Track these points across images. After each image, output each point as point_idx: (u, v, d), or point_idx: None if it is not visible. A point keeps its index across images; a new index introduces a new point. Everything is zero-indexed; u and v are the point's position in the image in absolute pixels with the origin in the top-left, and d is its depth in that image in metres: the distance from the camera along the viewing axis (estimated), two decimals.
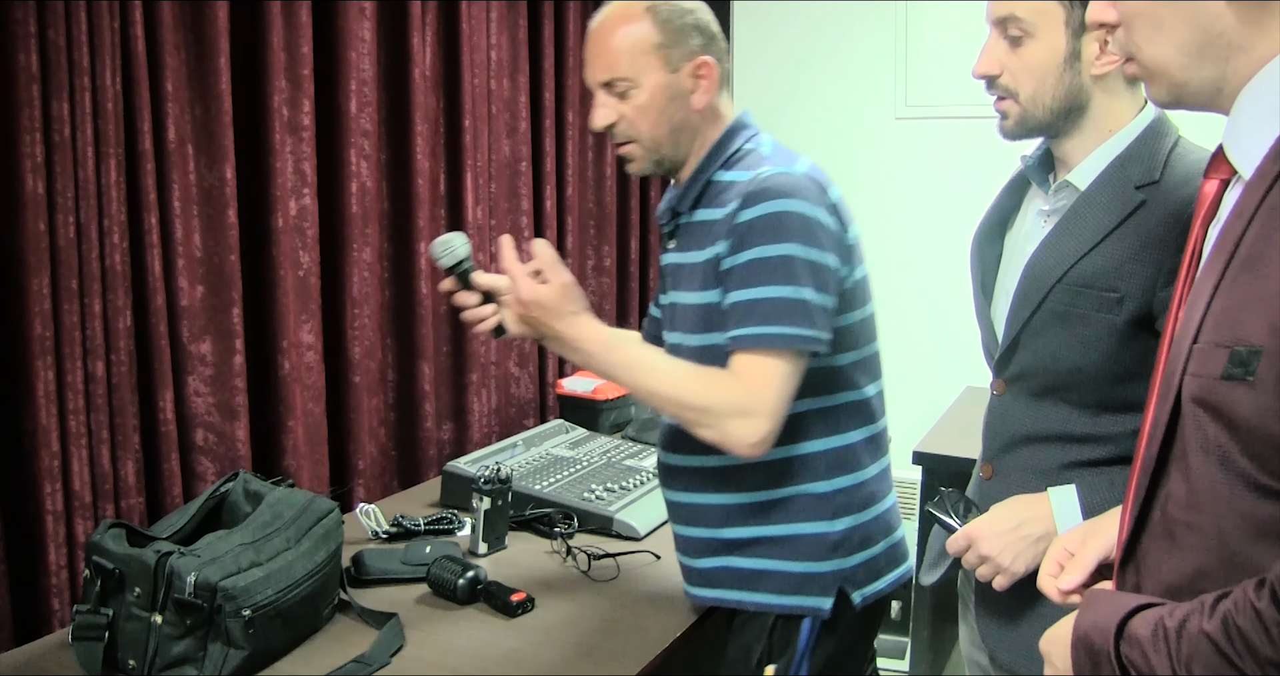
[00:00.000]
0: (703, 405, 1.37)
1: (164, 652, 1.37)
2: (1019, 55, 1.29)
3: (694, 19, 1.47)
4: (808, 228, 1.35)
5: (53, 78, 1.61)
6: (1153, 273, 1.22)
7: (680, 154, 1.50)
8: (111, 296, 1.73)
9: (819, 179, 1.41)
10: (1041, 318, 1.31)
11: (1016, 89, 1.30)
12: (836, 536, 1.46)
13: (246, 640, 1.39)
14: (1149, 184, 1.25)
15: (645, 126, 1.47)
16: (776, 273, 1.33)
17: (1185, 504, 0.86)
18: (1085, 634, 0.89)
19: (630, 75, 1.44)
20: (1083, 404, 1.31)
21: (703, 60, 1.46)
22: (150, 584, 1.37)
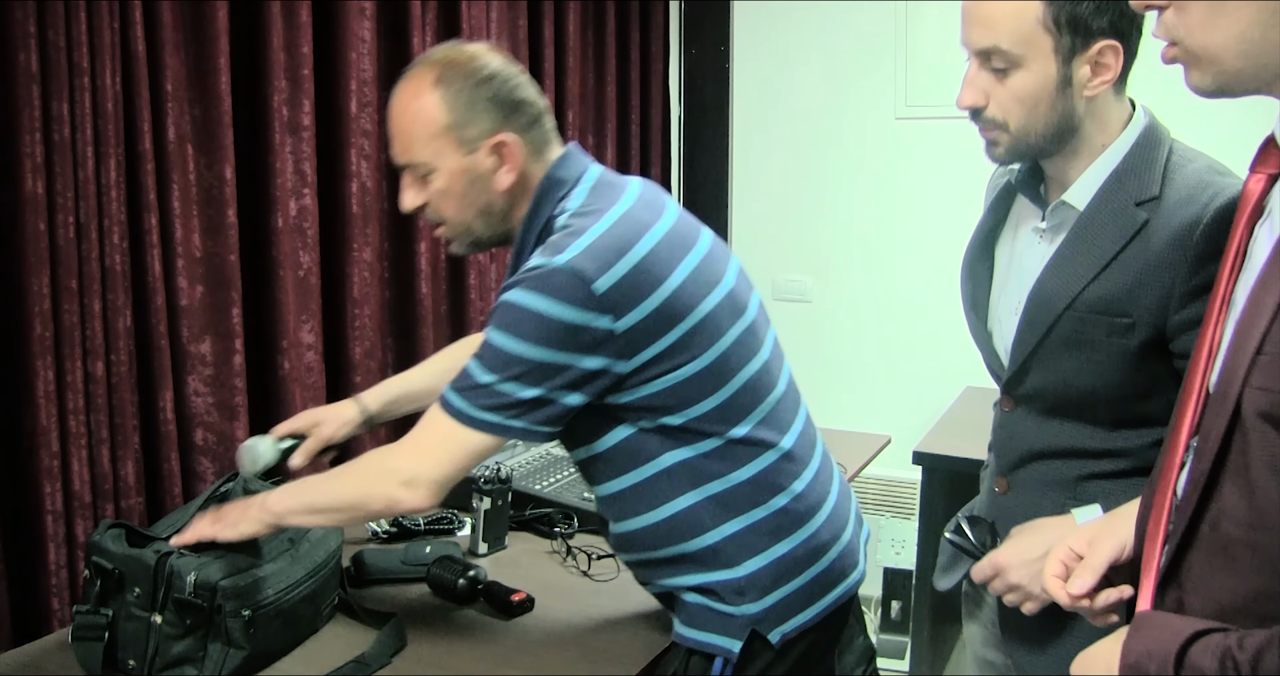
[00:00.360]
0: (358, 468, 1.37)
1: (164, 652, 1.37)
2: (1006, 86, 1.23)
3: (490, 91, 1.34)
4: (539, 327, 1.24)
5: (53, 78, 1.61)
6: (1163, 296, 1.20)
7: (495, 232, 1.41)
8: (111, 296, 1.73)
9: (583, 269, 1.24)
10: (1051, 344, 1.28)
11: (1005, 120, 1.24)
12: (741, 582, 1.38)
13: (247, 640, 1.39)
14: (1150, 200, 1.23)
15: (450, 211, 1.39)
16: (485, 357, 1.27)
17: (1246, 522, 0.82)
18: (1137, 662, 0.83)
19: (425, 160, 1.35)
20: (1098, 421, 1.29)
21: (499, 139, 1.34)
22: (150, 584, 1.37)
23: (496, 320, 1.27)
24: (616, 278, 1.25)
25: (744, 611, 1.38)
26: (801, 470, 1.43)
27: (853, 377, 3.33)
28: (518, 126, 1.35)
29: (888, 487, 3.23)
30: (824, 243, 3.35)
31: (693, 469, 1.36)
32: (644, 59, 3.28)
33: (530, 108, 1.37)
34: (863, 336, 3.31)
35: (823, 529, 1.43)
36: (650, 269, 1.29)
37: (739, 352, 1.36)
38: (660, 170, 3.40)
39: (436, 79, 1.34)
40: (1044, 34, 1.19)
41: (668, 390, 1.31)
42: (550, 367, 1.25)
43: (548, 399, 1.27)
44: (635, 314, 1.27)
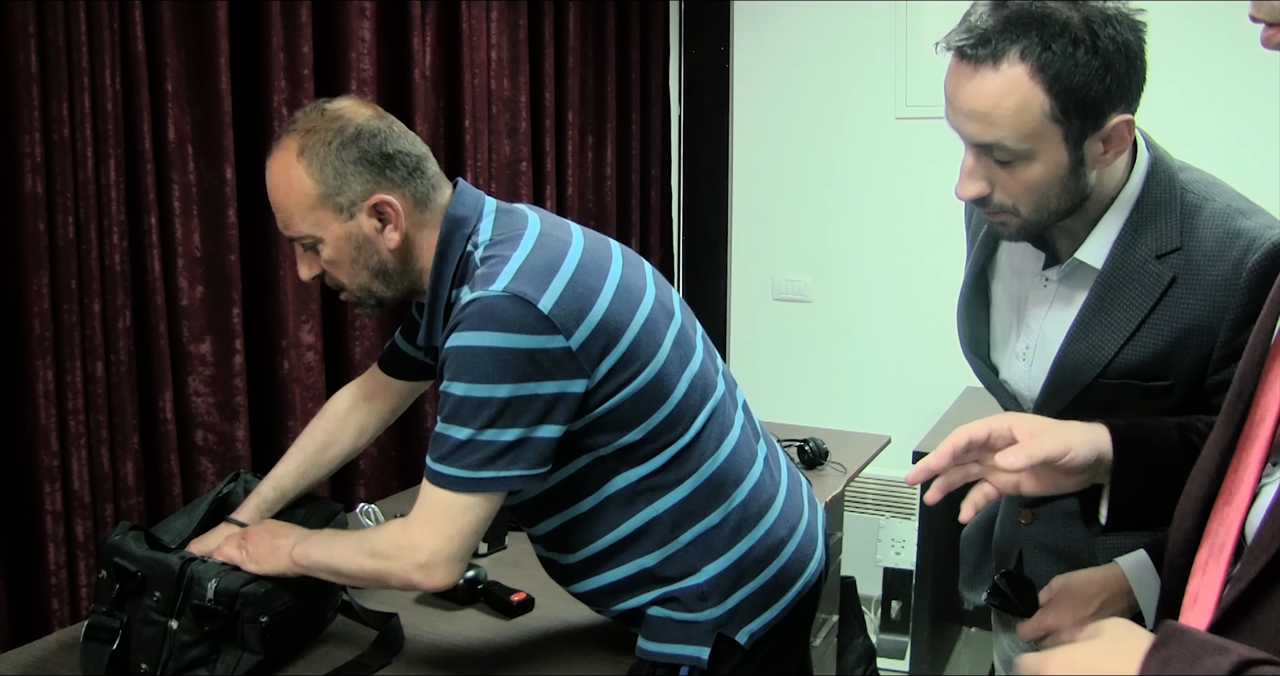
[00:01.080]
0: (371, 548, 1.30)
1: (178, 657, 1.37)
2: (1014, 176, 1.13)
3: (357, 151, 1.28)
4: (497, 364, 1.20)
5: (53, 78, 1.61)
6: (1201, 359, 1.15)
7: (399, 290, 1.38)
8: (111, 296, 1.72)
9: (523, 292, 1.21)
10: (1078, 407, 1.21)
11: (1015, 206, 1.16)
12: (703, 587, 1.36)
13: (262, 645, 1.39)
14: (1172, 252, 1.16)
15: (345, 278, 1.35)
16: (455, 412, 1.22)
17: None
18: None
19: (308, 233, 1.31)
20: None
21: (376, 200, 1.29)
22: (172, 589, 1.36)
23: (452, 370, 1.21)
24: (557, 295, 1.23)
25: (708, 616, 1.36)
26: (750, 463, 1.41)
27: (853, 377, 3.33)
28: (395, 182, 1.30)
29: (888, 487, 3.23)
30: (824, 243, 3.35)
31: (648, 486, 1.33)
32: (644, 59, 3.28)
33: (405, 159, 1.31)
34: (863, 336, 3.31)
35: (779, 522, 1.42)
36: (584, 282, 1.27)
37: (678, 354, 1.35)
38: (660, 170, 3.40)
39: (300, 150, 1.29)
40: (1052, 125, 1.09)
41: (626, 403, 1.28)
42: (522, 402, 1.21)
43: (526, 439, 1.23)
44: (584, 328, 1.24)
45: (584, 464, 1.32)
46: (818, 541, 1.49)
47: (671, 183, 3.48)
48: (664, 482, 1.34)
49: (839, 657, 2.66)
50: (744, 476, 1.39)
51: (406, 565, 1.26)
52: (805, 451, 2.39)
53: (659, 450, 1.32)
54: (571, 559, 1.40)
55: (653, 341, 1.31)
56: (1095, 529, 1.13)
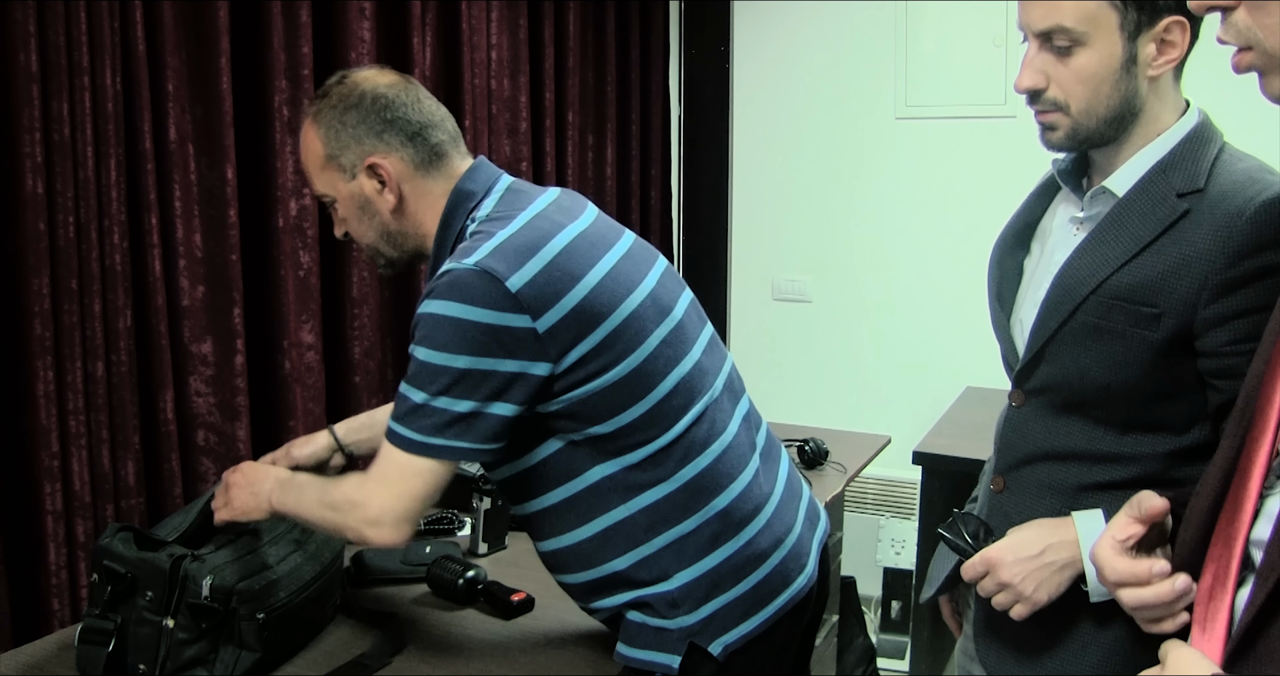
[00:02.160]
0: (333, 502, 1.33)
1: (175, 656, 1.37)
2: (1069, 65, 1.18)
3: (357, 116, 1.35)
4: (458, 334, 1.22)
5: (53, 78, 1.61)
6: (1196, 288, 1.14)
7: (404, 252, 1.43)
8: (111, 296, 1.73)
9: (494, 268, 1.23)
10: (1070, 330, 1.23)
11: (1067, 101, 1.19)
12: (674, 594, 1.34)
13: (260, 643, 1.39)
14: (1192, 192, 1.17)
15: (359, 237, 1.43)
16: (414, 376, 1.25)
17: None
18: None
19: (324, 192, 1.41)
20: (1109, 422, 1.24)
21: (371, 161, 1.35)
22: (164, 588, 1.36)
23: (418, 335, 1.25)
24: (530, 275, 1.24)
25: (679, 624, 1.34)
26: (738, 473, 1.39)
27: (853, 377, 3.33)
28: (391, 145, 1.36)
29: (888, 487, 3.23)
30: (824, 243, 3.35)
31: (622, 482, 1.32)
32: (644, 59, 3.28)
33: (404, 125, 1.36)
34: (863, 336, 3.31)
35: (762, 534, 1.39)
36: (565, 266, 1.27)
37: (666, 354, 1.34)
38: (660, 170, 3.40)
39: (314, 114, 1.38)
40: (1110, 10, 1.15)
41: (596, 395, 1.28)
42: (478, 375, 1.23)
43: (478, 412, 1.24)
44: (554, 312, 1.25)
45: (556, 449, 1.32)
46: (809, 556, 1.46)
47: (671, 183, 3.48)
48: (639, 481, 1.33)
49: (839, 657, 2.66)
50: (726, 485, 1.37)
51: (358, 520, 1.29)
52: (805, 451, 2.39)
53: (634, 446, 1.32)
54: (547, 548, 1.40)
55: (634, 337, 1.31)
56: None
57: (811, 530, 1.49)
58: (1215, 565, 0.81)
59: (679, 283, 1.45)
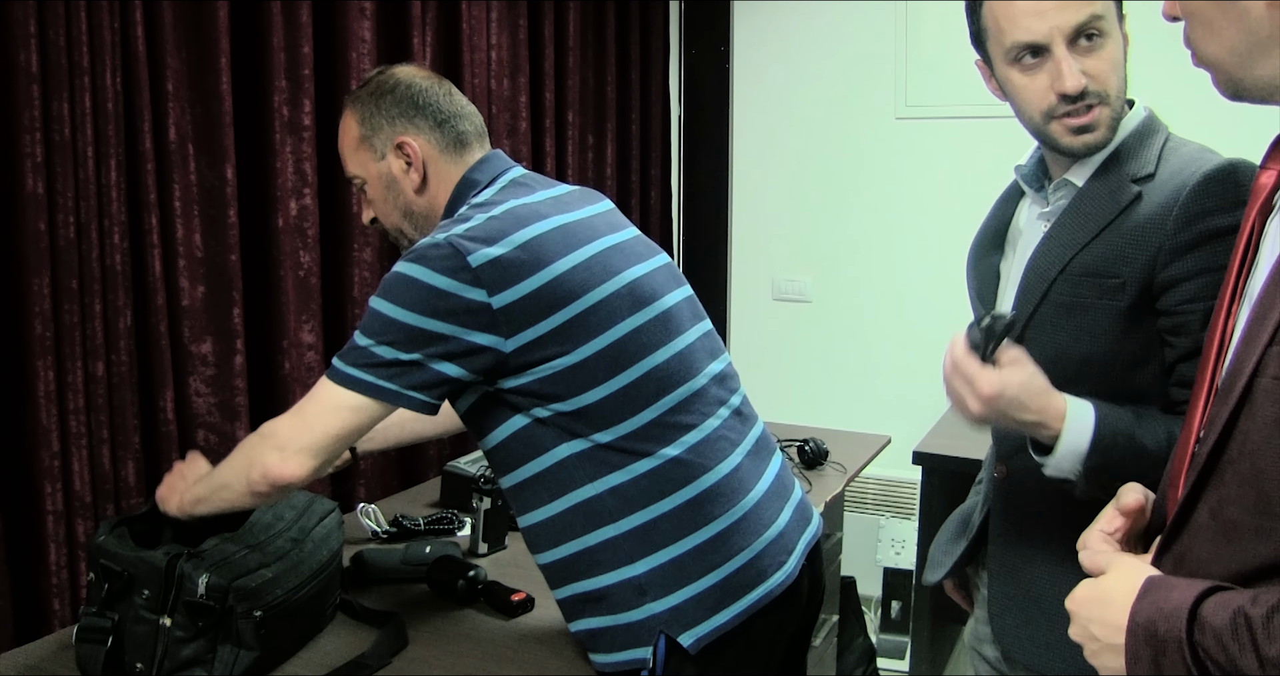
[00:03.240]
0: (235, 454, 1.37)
1: (173, 655, 1.37)
2: (1099, 57, 1.25)
3: (392, 100, 1.46)
4: (408, 291, 1.29)
5: (53, 78, 1.61)
6: (1151, 254, 1.24)
7: (424, 234, 1.44)
8: (111, 296, 1.73)
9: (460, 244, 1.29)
10: (1045, 311, 1.31)
11: (1105, 90, 1.27)
12: (639, 580, 1.35)
13: (257, 641, 1.39)
14: (1145, 177, 1.27)
15: (382, 216, 1.51)
16: (367, 324, 1.32)
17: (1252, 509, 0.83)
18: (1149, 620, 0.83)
19: (355, 173, 1.50)
20: (1093, 395, 1.27)
21: (399, 140, 1.45)
22: (160, 586, 1.36)
23: (379, 290, 1.32)
24: (493, 255, 1.30)
25: (647, 613, 1.35)
26: (713, 464, 1.39)
27: (853, 377, 3.33)
28: (420, 128, 1.46)
29: (888, 487, 3.23)
30: (824, 243, 3.35)
31: (590, 459, 1.35)
32: (644, 59, 3.28)
33: (435, 111, 1.47)
34: (863, 336, 3.31)
35: (737, 526, 1.39)
36: (535, 252, 1.33)
37: (640, 341, 1.37)
38: (660, 170, 3.40)
39: (352, 100, 1.50)
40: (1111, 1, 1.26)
41: (557, 375, 1.33)
42: (424, 335, 1.29)
43: (420, 363, 1.29)
44: (512, 292, 1.30)
45: (524, 424, 1.36)
46: (790, 555, 1.45)
47: (671, 183, 3.48)
48: (607, 460, 1.35)
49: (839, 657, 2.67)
50: (699, 475, 1.38)
51: (265, 450, 1.31)
52: (805, 451, 2.39)
53: (602, 427, 1.35)
54: (524, 521, 1.43)
55: (601, 322, 1.35)
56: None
57: (799, 530, 1.50)
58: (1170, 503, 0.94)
59: (677, 280, 1.49)
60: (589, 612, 1.39)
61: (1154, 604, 0.84)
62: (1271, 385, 0.81)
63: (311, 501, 1.59)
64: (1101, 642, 0.89)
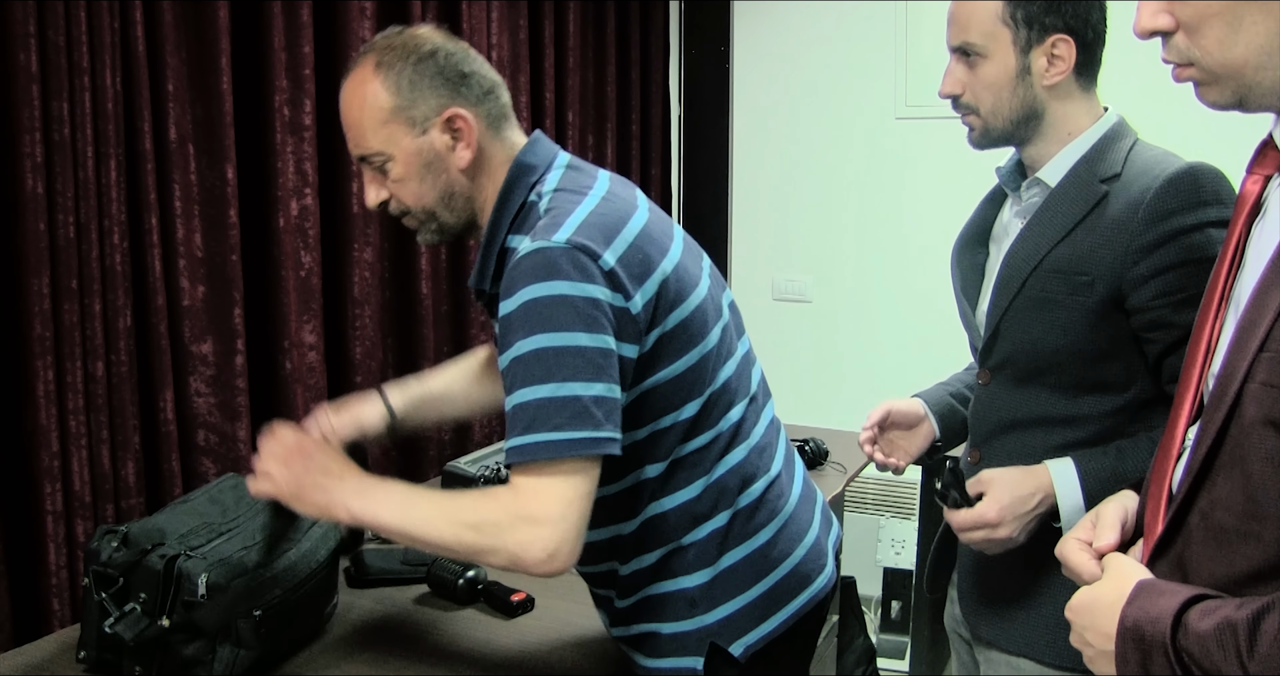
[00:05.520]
0: (475, 520, 1.17)
1: (173, 656, 1.36)
2: (977, 75, 1.40)
3: (434, 66, 1.28)
4: (568, 312, 1.13)
5: (53, 78, 1.61)
6: (1119, 254, 1.30)
7: (460, 219, 1.34)
8: (111, 296, 1.72)
9: (586, 244, 1.17)
10: (1020, 305, 1.39)
11: (977, 105, 1.41)
12: (694, 592, 1.32)
13: (257, 641, 1.38)
14: (1112, 177, 1.35)
15: (410, 199, 1.31)
16: (536, 370, 1.13)
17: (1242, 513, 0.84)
18: (1135, 625, 0.86)
19: (379, 149, 1.29)
20: (1062, 386, 1.38)
21: (451, 113, 1.28)
22: (156, 590, 1.36)
23: (523, 329, 1.14)
24: (619, 254, 1.19)
25: (698, 624, 1.32)
26: (762, 473, 1.37)
27: (853, 378, 3.33)
28: (469, 100, 1.29)
29: (888, 487, 3.23)
30: (824, 243, 3.35)
31: (665, 481, 1.30)
32: (644, 59, 3.28)
33: (481, 80, 1.31)
34: (863, 336, 3.31)
35: (782, 533, 1.37)
36: (644, 250, 1.23)
37: (720, 351, 1.32)
38: (660, 170, 3.40)
39: (376, 64, 1.28)
40: (1004, 28, 1.37)
41: (664, 385, 1.24)
42: (599, 354, 1.14)
43: (610, 395, 1.15)
44: (641, 295, 1.20)
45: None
46: (826, 557, 1.45)
47: (671, 183, 3.48)
48: (678, 479, 1.30)
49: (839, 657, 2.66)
50: (750, 485, 1.35)
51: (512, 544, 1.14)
52: (805, 451, 2.39)
53: (681, 443, 1.28)
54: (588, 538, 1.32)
55: (698, 331, 1.27)
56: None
57: (827, 532, 1.49)
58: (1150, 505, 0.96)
59: (721, 284, 1.42)
60: (642, 619, 1.36)
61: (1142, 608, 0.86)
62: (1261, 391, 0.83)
63: None
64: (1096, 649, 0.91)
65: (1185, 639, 0.81)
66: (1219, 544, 0.87)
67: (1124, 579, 0.91)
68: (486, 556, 1.17)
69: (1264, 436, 0.82)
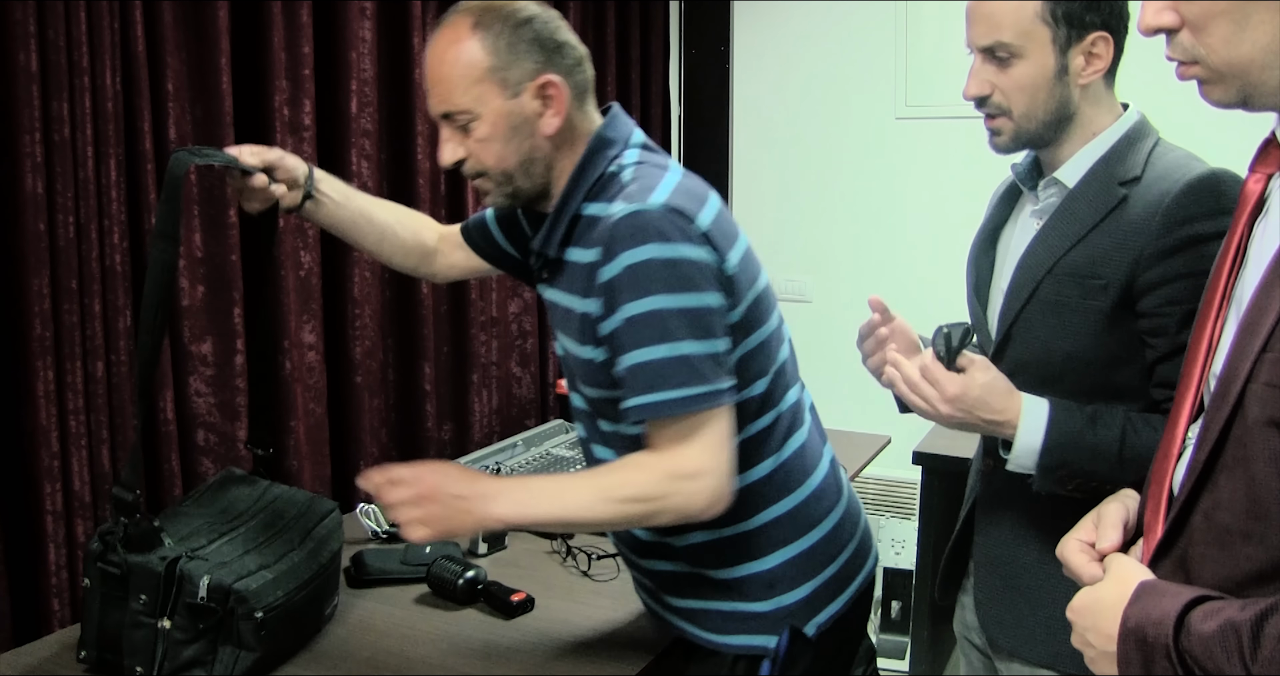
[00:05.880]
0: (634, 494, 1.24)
1: (173, 657, 1.36)
2: (1009, 75, 1.33)
3: (531, 32, 1.30)
4: (673, 273, 1.20)
5: (53, 78, 1.61)
6: (1134, 258, 1.27)
7: (536, 185, 1.36)
8: (112, 296, 1.72)
9: (682, 207, 1.23)
10: (1032, 309, 1.36)
11: (1009, 107, 1.34)
12: (771, 574, 1.37)
13: (258, 642, 1.38)
14: (1131, 180, 1.31)
15: (491, 160, 1.33)
16: (650, 332, 1.19)
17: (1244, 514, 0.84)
18: (1138, 626, 0.85)
19: (467, 107, 1.30)
20: (1076, 392, 1.33)
21: (546, 79, 1.30)
22: (157, 591, 1.36)
23: (635, 290, 1.19)
24: (710, 219, 1.26)
25: (776, 605, 1.38)
26: (820, 456, 1.45)
27: (853, 378, 3.31)
28: (561, 69, 1.31)
29: (888, 487, 3.23)
30: (824, 243, 3.35)
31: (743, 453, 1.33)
32: (644, 59, 3.28)
33: (572, 51, 1.34)
34: None
35: (845, 514, 1.45)
36: (729, 219, 1.32)
37: (779, 334, 1.39)
38: None
39: (474, 23, 1.29)
40: (1042, 27, 1.30)
41: (740, 360, 1.30)
42: (703, 311, 1.21)
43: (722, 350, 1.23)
44: (730, 259, 1.27)
45: None
46: (872, 537, 1.54)
47: None
48: (748, 457, 1.34)
49: None
50: (814, 467, 1.42)
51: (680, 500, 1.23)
52: None
53: (750, 420, 1.33)
54: None
55: (767, 309, 1.35)
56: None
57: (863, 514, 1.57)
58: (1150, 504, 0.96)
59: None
60: (713, 596, 1.40)
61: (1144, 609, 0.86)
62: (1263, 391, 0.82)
63: (311, 501, 1.58)
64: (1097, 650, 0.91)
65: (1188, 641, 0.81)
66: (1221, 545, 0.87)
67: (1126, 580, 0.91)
68: (652, 520, 1.27)
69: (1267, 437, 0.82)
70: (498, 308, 2.62)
